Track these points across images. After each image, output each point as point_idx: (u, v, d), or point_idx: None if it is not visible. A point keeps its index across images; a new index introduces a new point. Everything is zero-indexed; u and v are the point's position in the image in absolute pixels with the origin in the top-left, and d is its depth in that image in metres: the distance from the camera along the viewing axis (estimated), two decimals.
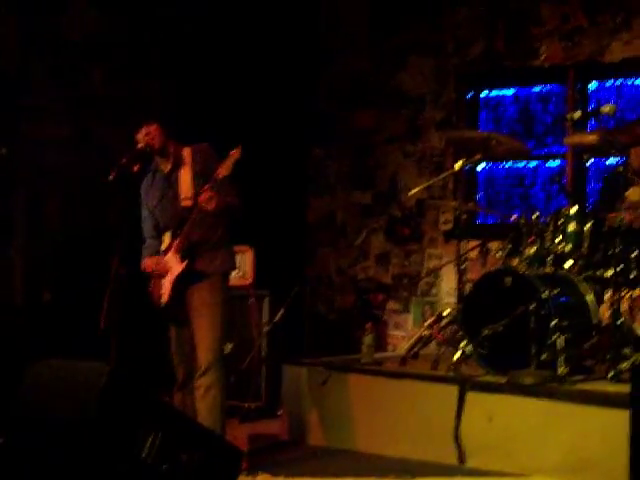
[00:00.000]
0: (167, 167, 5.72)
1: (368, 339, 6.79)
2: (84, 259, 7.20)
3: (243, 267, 7.35)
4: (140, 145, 5.54)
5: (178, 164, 5.66)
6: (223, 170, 5.28)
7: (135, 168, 5.45)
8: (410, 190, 7.30)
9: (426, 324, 7.05)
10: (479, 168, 8.69)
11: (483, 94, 8.76)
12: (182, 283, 5.55)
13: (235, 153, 5.30)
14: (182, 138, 5.71)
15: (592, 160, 8.13)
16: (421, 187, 7.26)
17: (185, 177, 5.57)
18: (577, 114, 6.52)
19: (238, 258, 6.56)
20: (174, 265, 5.56)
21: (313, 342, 8.37)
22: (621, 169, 6.30)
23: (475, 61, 8.57)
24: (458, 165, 6.77)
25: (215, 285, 5.61)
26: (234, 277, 6.17)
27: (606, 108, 6.33)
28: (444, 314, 6.94)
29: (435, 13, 8.76)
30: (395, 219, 8.97)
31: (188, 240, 5.51)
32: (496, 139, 6.77)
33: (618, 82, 8.09)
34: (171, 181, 5.70)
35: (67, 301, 7.15)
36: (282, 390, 6.92)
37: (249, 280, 7.43)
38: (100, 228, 6.83)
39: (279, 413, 6.99)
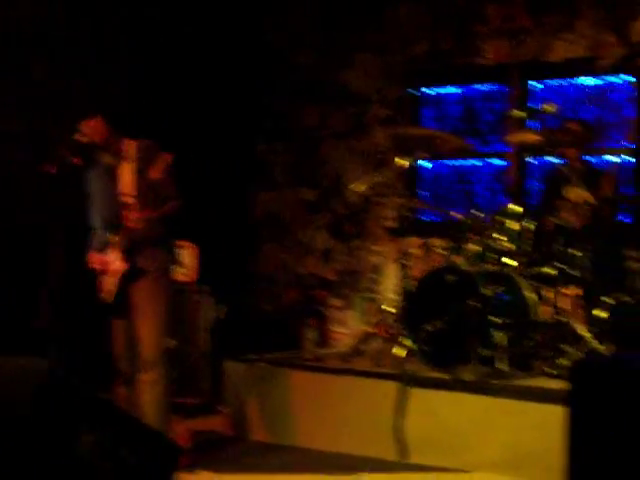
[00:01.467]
0: (109, 161, 5.67)
1: (311, 335, 6.90)
2: (24, 254, 7.06)
3: (186, 263, 7.31)
4: (82, 138, 5.49)
5: (120, 159, 5.60)
6: (154, 173, 5.25)
7: (77, 161, 5.42)
8: (354, 187, 7.34)
9: (369, 320, 7.09)
10: (423, 165, 8.68)
11: (428, 92, 8.74)
12: (125, 281, 5.53)
13: (167, 156, 5.27)
14: (128, 133, 5.65)
15: (534, 159, 8.17)
16: (365, 184, 7.26)
17: (126, 173, 5.52)
18: (520, 113, 6.61)
19: (182, 254, 6.63)
20: (117, 263, 5.53)
21: (256, 338, 8.10)
22: (562, 169, 6.40)
23: (420, 59, 8.54)
24: (402, 162, 6.74)
25: (157, 282, 5.58)
26: (177, 273, 6.16)
27: (548, 107, 6.35)
28: (387, 310, 6.89)
29: (381, 11, 8.71)
30: (339, 215, 8.92)
31: (129, 238, 5.48)
32: (440, 137, 6.81)
33: (561, 82, 8.10)
34: (113, 176, 5.63)
35: (5, 297, 6.99)
36: (224, 386, 6.88)
37: (192, 276, 7.38)
38: (40, 222, 6.61)
39: (221, 409, 6.96)
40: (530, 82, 8.30)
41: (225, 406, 6.85)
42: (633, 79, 7.78)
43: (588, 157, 7.36)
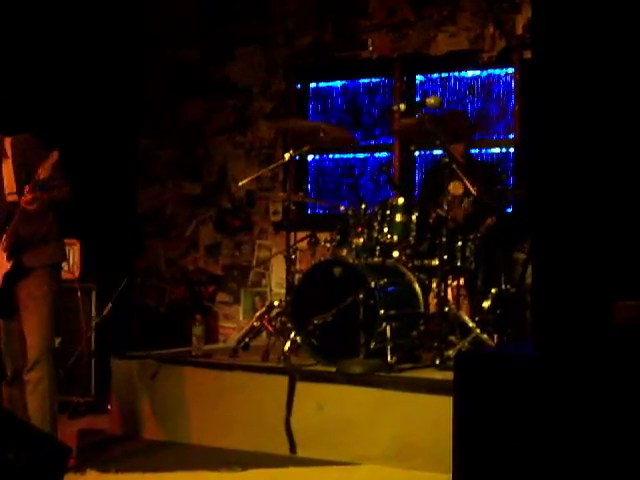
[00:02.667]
0: None
1: (198, 331, 6.72)
2: None
3: (70, 260, 7.19)
4: None
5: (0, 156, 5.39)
6: (43, 172, 5.08)
7: None
8: (239, 181, 7.26)
9: (256, 315, 6.99)
10: (308, 159, 8.68)
11: (312, 85, 8.72)
12: (10, 280, 5.38)
13: (54, 154, 5.10)
14: (6, 129, 5.47)
15: (419, 152, 8.25)
16: (250, 178, 7.21)
17: (7, 170, 5.35)
18: (402, 106, 6.50)
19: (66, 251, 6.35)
20: (1, 263, 5.37)
21: (143, 335, 8.21)
22: (445, 161, 6.31)
23: (304, 52, 8.53)
24: (287, 155, 6.71)
25: (42, 279, 5.45)
26: (62, 270, 5.96)
27: (431, 100, 6.32)
28: (274, 305, 6.89)
29: (265, 4, 8.68)
30: (225, 210, 8.88)
31: (15, 237, 5.34)
32: (324, 130, 6.69)
33: (444, 75, 8.15)
34: None
35: None
36: (111, 384, 6.76)
37: (76, 273, 7.20)
38: None
39: (109, 408, 6.84)
40: (413, 75, 8.37)
41: (113, 404, 6.75)
42: (512, 70, 7.82)
43: (471, 150, 7.44)
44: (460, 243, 6.41)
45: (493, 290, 6.46)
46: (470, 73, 8.15)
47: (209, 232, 8.98)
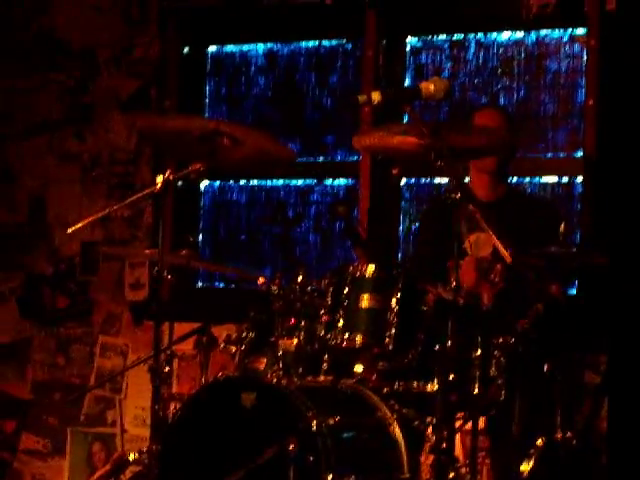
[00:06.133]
0: None
1: None
2: None
3: None
4: None
5: None
6: None
7: None
8: (69, 225, 5.41)
9: (93, 479, 5.52)
10: (201, 187, 6.83)
11: (211, 49, 6.76)
12: None
13: None
14: None
15: (406, 180, 6.42)
16: (90, 220, 5.47)
17: None
18: (377, 95, 4.57)
19: None
20: None
21: None
22: (454, 198, 4.69)
23: None
24: (160, 180, 5.05)
25: None
26: None
27: (430, 85, 4.55)
28: (128, 459, 5.25)
29: None
30: (40, 279, 6.88)
31: None
32: (230, 134, 5.10)
33: (457, 37, 6.30)
34: None
35: None
36: None
37: None
38: None
39: None
40: (403, 37, 6.38)
41: None
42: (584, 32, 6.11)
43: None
44: (480, 351, 4.79)
45: (539, 441, 4.89)
46: (505, 35, 6.20)
47: (8, 318, 6.88)
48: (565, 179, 6.15)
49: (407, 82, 6.39)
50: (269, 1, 6.50)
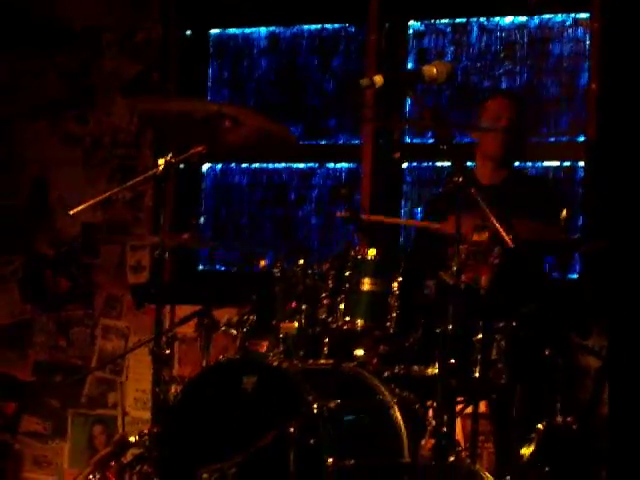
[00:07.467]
0: None
1: None
2: None
3: None
4: None
5: None
6: None
7: None
8: (71, 207, 5.39)
9: (95, 460, 5.27)
10: (203, 169, 6.84)
11: (213, 32, 6.84)
12: None
13: None
14: None
15: (408, 164, 6.45)
16: (92, 202, 5.41)
17: None
18: (379, 78, 4.54)
19: None
20: None
21: None
22: (457, 182, 4.60)
23: None
24: (162, 163, 5.16)
25: None
26: None
27: (433, 68, 4.53)
28: (129, 441, 5.17)
29: None
30: (42, 261, 6.93)
31: None
32: (232, 116, 5.16)
33: (459, 20, 6.40)
34: None
35: None
36: None
37: None
38: None
39: None
40: (405, 20, 6.42)
41: None
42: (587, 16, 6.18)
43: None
44: (481, 335, 4.77)
45: (540, 425, 4.85)
46: (508, 20, 6.27)
47: (10, 301, 6.90)
48: (567, 163, 6.17)
49: (409, 66, 6.41)
50: None
